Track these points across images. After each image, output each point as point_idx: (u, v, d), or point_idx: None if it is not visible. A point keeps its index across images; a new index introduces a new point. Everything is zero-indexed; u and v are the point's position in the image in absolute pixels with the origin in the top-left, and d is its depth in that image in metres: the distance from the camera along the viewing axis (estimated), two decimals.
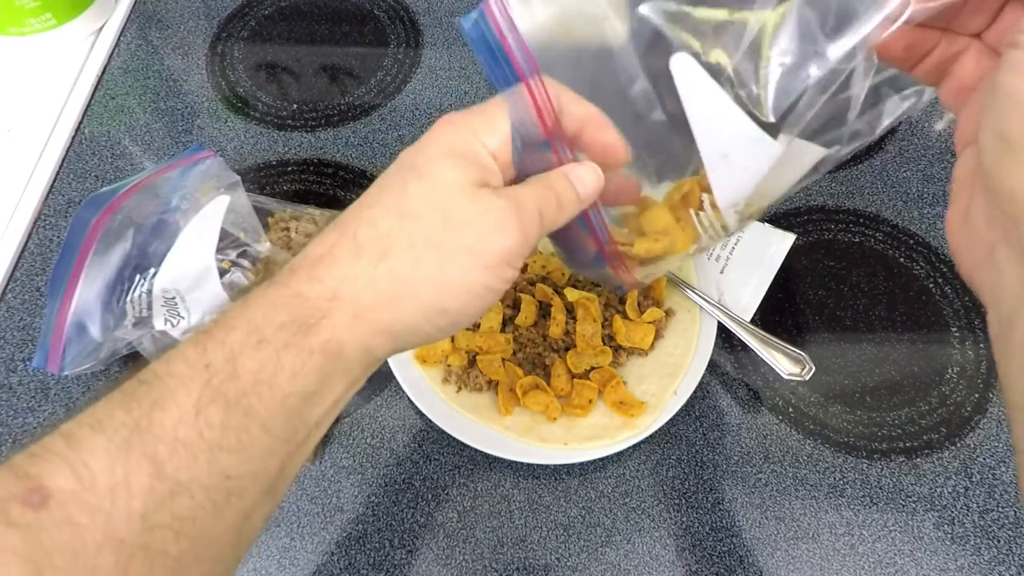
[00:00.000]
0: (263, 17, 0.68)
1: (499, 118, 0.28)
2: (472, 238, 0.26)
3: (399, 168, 0.28)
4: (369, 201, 0.28)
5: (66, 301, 0.42)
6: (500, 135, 0.28)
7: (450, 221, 0.26)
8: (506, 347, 0.45)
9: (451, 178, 0.26)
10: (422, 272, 0.26)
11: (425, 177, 0.27)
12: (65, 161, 0.57)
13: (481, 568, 0.42)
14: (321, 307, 0.25)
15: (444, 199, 0.26)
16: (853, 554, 0.42)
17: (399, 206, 0.27)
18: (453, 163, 0.27)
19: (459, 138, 0.27)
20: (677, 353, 0.47)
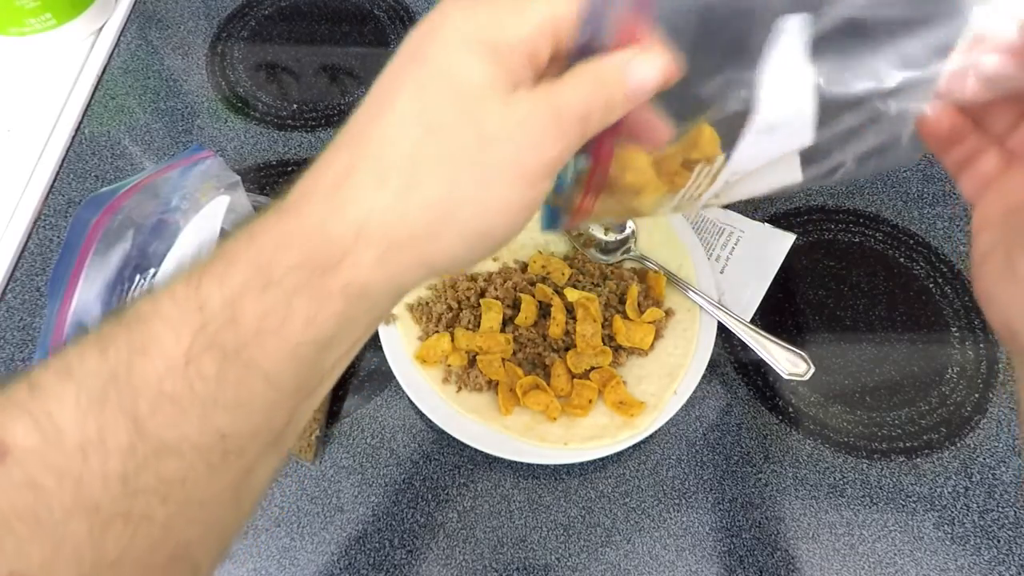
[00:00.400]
0: (263, 17, 0.68)
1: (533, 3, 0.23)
2: (511, 152, 0.22)
3: (411, 60, 0.23)
4: (382, 106, 0.23)
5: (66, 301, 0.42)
6: (532, 21, 0.23)
7: (485, 133, 0.22)
8: (506, 347, 0.45)
9: (479, 78, 0.22)
10: (461, 196, 0.22)
11: (447, 76, 0.22)
12: (65, 161, 0.57)
13: (481, 568, 0.42)
14: (344, 245, 0.21)
15: (475, 106, 0.22)
16: (853, 554, 0.42)
17: (422, 116, 0.22)
18: (479, 58, 0.22)
19: (482, 24, 0.23)
20: (677, 353, 0.47)
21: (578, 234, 0.51)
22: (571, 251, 0.51)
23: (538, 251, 0.51)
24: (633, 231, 0.51)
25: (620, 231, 0.52)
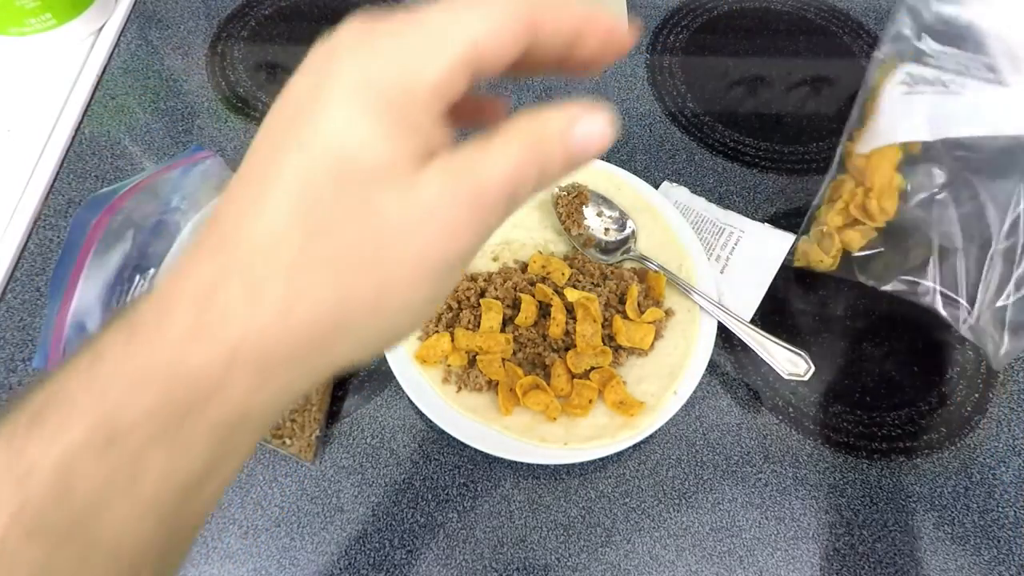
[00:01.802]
0: (263, 17, 0.68)
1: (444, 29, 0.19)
2: (416, 249, 0.18)
3: (291, 131, 0.18)
4: (255, 199, 0.18)
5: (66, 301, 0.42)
6: (446, 56, 0.18)
7: (384, 228, 0.18)
8: (506, 347, 0.45)
9: (377, 156, 0.18)
10: (355, 304, 0.18)
11: (335, 157, 0.18)
12: (65, 161, 0.57)
13: (481, 568, 0.42)
14: (212, 377, 0.18)
15: (371, 194, 0.18)
16: (853, 554, 0.42)
17: (304, 212, 0.18)
18: (377, 127, 0.18)
19: (382, 71, 0.18)
20: (677, 353, 0.47)
21: (578, 234, 0.51)
22: (571, 251, 0.51)
23: (538, 251, 0.51)
24: (633, 231, 0.51)
25: (620, 231, 0.52)
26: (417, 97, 0.18)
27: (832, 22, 0.68)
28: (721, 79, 0.64)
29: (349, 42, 0.19)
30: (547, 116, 0.20)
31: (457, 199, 0.18)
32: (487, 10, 0.19)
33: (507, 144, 0.19)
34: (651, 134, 0.60)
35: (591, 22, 0.21)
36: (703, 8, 0.69)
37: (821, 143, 0.60)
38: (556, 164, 0.20)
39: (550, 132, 0.20)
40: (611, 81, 0.63)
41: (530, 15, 0.19)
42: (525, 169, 0.19)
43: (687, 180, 0.57)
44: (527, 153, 0.19)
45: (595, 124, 0.20)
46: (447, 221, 0.18)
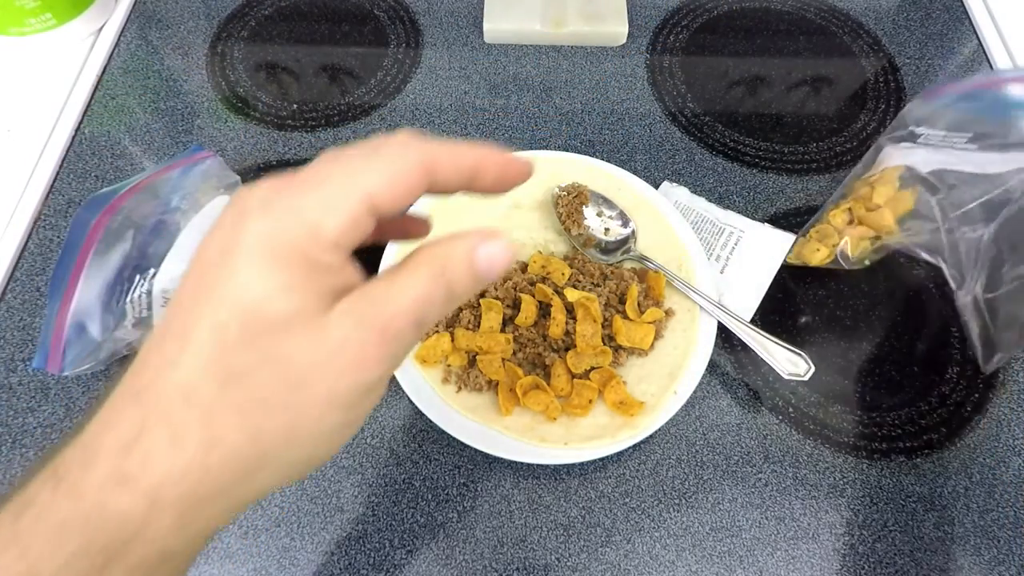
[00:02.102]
0: (263, 17, 0.68)
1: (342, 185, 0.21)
2: (325, 387, 0.20)
3: (204, 289, 0.20)
4: (174, 352, 0.20)
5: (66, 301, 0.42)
6: (344, 209, 0.20)
7: (294, 372, 0.20)
8: (506, 347, 0.45)
9: (283, 308, 0.20)
10: (271, 442, 0.20)
11: (246, 311, 0.19)
12: (65, 161, 0.57)
13: (481, 568, 0.42)
14: (135, 520, 0.19)
15: (280, 342, 0.20)
16: (853, 554, 0.42)
17: (220, 362, 0.19)
18: (281, 281, 0.19)
19: (282, 229, 0.20)
20: (677, 353, 0.47)
21: (578, 234, 0.51)
22: (571, 251, 0.51)
23: (538, 251, 0.51)
24: (633, 231, 0.51)
25: (620, 231, 0.52)
26: (319, 250, 0.20)
27: (832, 22, 0.68)
28: (721, 79, 0.64)
29: (255, 203, 0.21)
30: (452, 243, 0.22)
31: (365, 333, 0.20)
32: (383, 163, 0.21)
33: (414, 272, 0.21)
34: (651, 134, 0.60)
35: (485, 160, 0.23)
36: (703, 8, 0.69)
37: (821, 143, 0.60)
38: (462, 286, 0.22)
39: (456, 257, 0.22)
40: (611, 81, 0.63)
41: (424, 164, 0.22)
42: (431, 295, 0.21)
43: (687, 180, 0.57)
44: (434, 279, 0.21)
45: (496, 247, 0.22)
46: (355, 355, 0.20)
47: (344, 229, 0.21)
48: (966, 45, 0.66)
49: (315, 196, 0.21)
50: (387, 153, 0.21)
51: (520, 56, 0.65)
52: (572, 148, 0.58)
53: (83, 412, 0.46)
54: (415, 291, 0.21)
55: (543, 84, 0.63)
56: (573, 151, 0.55)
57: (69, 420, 0.46)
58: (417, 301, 0.21)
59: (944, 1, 0.70)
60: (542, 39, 0.65)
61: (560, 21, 0.65)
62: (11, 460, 0.44)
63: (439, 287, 0.21)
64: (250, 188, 0.21)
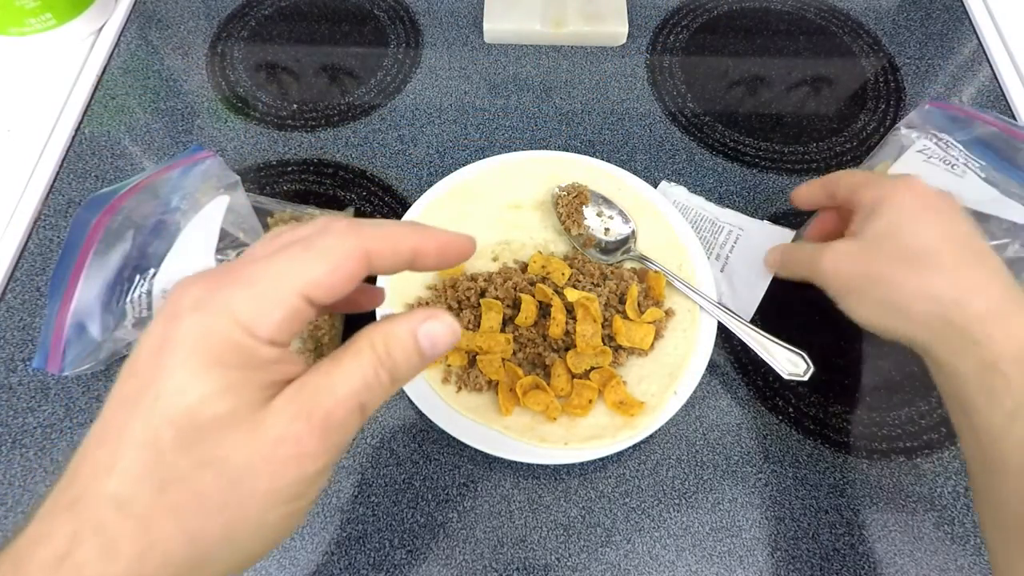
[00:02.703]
0: (263, 17, 0.68)
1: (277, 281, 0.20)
2: (264, 485, 0.20)
3: (138, 394, 0.20)
4: (107, 460, 0.20)
5: (66, 301, 0.42)
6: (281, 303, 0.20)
7: (230, 474, 0.19)
8: (506, 347, 0.45)
9: (218, 409, 0.19)
10: (206, 543, 0.20)
11: (180, 414, 0.19)
12: (65, 161, 0.57)
13: (481, 568, 0.42)
14: None
15: (216, 444, 0.19)
16: (853, 554, 0.42)
17: (155, 468, 0.19)
18: (215, 382, 0.19)
19: (216, 329, 0.20)
20: (677, 353, 0.47)
21: (578, 234, 0.51)
22: (571, 251, 0.51)
23: (538, 251, 0.51)
24: (633, 231, 0.51)
25: (620, 231, 0.52)
26: (254, 346, 0.20)
27: (832, 22, 0.68)
28: (721, 79, 0.64)
29: (187, 303, 0.20)
30: (393, 326, 0.22)
31: (304, 427, 0.20)
32: (319, 255, 0.21)
33: (357, 358, 0.21)
34: (651, 134, 0.60)
35: (424, 244, 0.23)
36: (703, 8, 0.69)
37: (821, 143, 0.60)
38: (406, 368, 0.22)
39: (398, 339, 0.22)
40: (611, 81, 0.63)
41: (362, 253, 0.22)
42: (375, 380, 0.21)
43: (687, 180, 0.57)
44: (376, 364, 0.21)
45: (439, 326, 0.23)
46: (294, 450, 0.20)
47: (279, 325, 0.20)
48: (966, 45, 0.66)
49: (249, 294, 0.20)
50: (324, 245, 0.21)
51: (520, 56, 0.65)
52: (572, 148, 0.58)
53: (80, 413, 0.46)
54: (358, 378, 0.21)
55: (543, 84, 0.63)
56: (573, 151, 0.55)
57: (69, 420, 0.46)
58: (360, 388, 0.21)
59: (944, 1, 0.70)
60: (542, 39, 0.65)
61: (560, 21, 0.65)
62: (11, 460, 0.44)
63: (383, 371, 0.21)
64: (183, 286, 0.21)
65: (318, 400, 0.21)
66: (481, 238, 0.51)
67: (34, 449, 0.45)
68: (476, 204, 0.53)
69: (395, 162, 0.57)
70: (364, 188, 0.56)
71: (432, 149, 0.58)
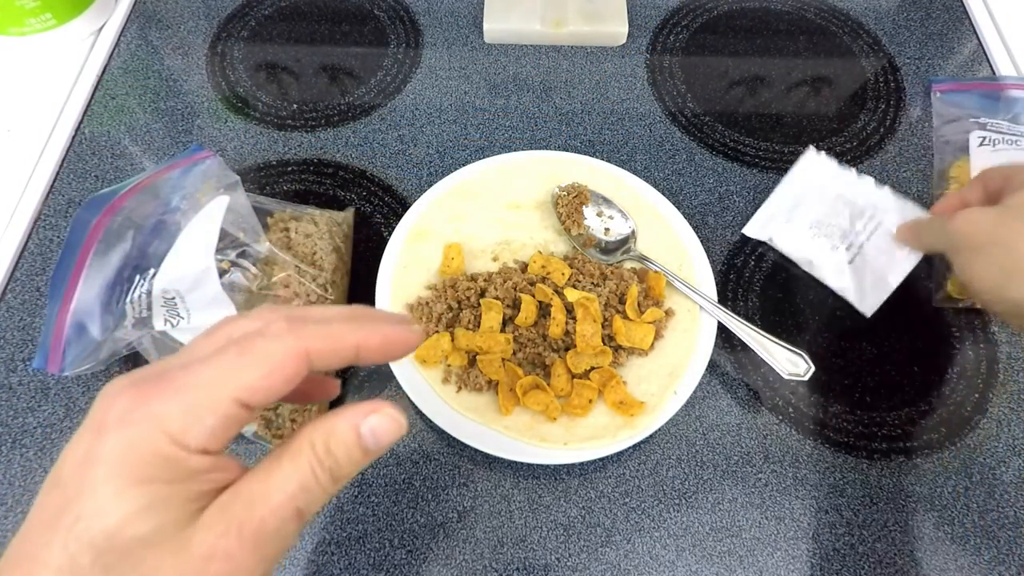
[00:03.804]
0: (263, 17, 0.68)
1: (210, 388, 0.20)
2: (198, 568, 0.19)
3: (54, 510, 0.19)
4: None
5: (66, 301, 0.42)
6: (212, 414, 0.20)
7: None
8: (506, 347, 0.45)
9: (141, 529, 0.18)
10: None
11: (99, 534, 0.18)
12: (65, 161, 0.57)
13: (481, 568, 0.42)
14: None
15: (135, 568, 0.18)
16: (853, 554, 0.42)
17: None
18: (139, 500, 0.19)
19: (141, 442, 0.19)
20: (677, 353, 0.47)
21: (578, 234, 0.51)
22: (571, 251, 0.51)
23: (538, 251, 0.51)
24: (633, 231, 0.51)
25: (620, 231, 0.52)
26: (183, 456, 0.19)
27: (832, 22, 0.68)
28: (721, 79, 0.64)
29: (114, 415, 0.19)
30: (332, 423, 0.21)
31: (235, 542, 0.19)
32: (254, 360, 0.20)
33: (293, 460, 0.20)
34: (651, 134, 0.60)
35: (368, 339, 0.22)
36: (703, 8, 0.69)
37: (821, 143, 0.60)
38: (348, 465, 0.21)
39: (339, 437, 0.21)
40: (611, 81, 0.63)
41: (299, 354, 0.21)
42: (313, 482, 0.20)
43: (687, 180, 0.57)
44: (315, 464, 0.20)
45: (382, 420, 0.22)
46: (226, 566, 0.19)
47: (212, 433, 0.20)
48: (966, 45, 0.66)
49: (179, 402, 0.20)
50: (259, 349, 0.21)
51: (520, 56, 0.65)
52: (572, 148, 0.58)
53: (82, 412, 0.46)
54: (294, 482, 0.20)
55: (543, 84, 0.63)
56: (573, 151, 0.55)
57: (69, 420, 0.46)
58: (295, 492, 0.20)
59: (944, 1, 0.70)
60: (542, 39, 0.65)
61: (560, 21, 0.65)
62: (11, 460, 0.44)
63: (322, 472, 0.21)
64: (110, 395, 0.20)
65: (250, 511, 0.20)
66: (481, 238, 0.52)
67: (34, 449, 0.45)
68: (476, 204, 0.53)
69: (395, 162, 0.57)
70: (364, 188, 0.56)
71: (432, 149, 0.58)
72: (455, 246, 0.50)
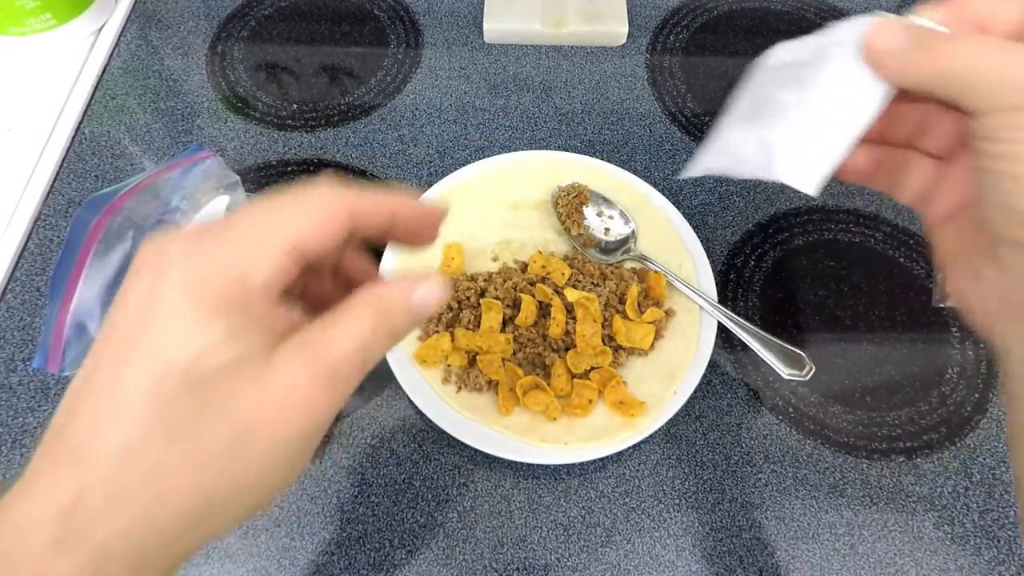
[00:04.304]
0: (263, 17, 0.68)
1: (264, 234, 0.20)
2: (271, 432, 0.20)
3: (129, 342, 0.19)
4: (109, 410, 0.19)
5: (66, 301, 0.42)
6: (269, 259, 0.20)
7: (239, 423, 0.19)
8: (506, 347, 0.45)
9: (224, 357, 0.19)
10: (216, 494, 0.20)
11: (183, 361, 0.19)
12: (65, 161, 0.57)
13: (481, 568, 0.42)
14: None
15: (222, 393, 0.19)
16: (853, 554, 0.42)
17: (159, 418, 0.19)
18: (220, 330, 0.19)
19: (209, 279, 0.19)
20: (677, 353, 0.47)
21: (578, 234, 0.51)
22: (571, 251, 0.51)
23: (538, 251, 0.51)
24: (633, 231, 0.51)
25: (620, 231, 0.52)
26: (251, 295, 0.20)
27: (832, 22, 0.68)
28: (721, 79, 0.64)
29: (175, 254, 0.20)
30: (389, 289, 0.23)
31: (311, 377, 0.20)
32: (307, 210, 0.21)
33: (360, 315, 0.22)
34: (651, 134, 0.60)
35: (402, 206, 0.24)
36: (703, 8, 0.69)
37: None
38: (403, 326, 0.23)
39: (395, 301, 0.22)
40: (611, 81, 0.63)
41: (347, 209, 0.22)
42: (372, 338, 0.22)
43: (687, 180, 0.57)
44: (375, 323, 0.22)
45: (431, 289, 0.23)
46: (302, 400, 0.20)
47: (270, 278, 0.20)
48: None
49: (236, 247, 0.20)
50: (311, 200, 0.22)
51: (520, 56, 0.65)
52: (572, 148, 0.58)
53: None
54: (358, 335, 0.21)
55: (543, 84, 0.63)
56: (573, 151, 0.55)
57: None
58: (361, 346, 0.21)
59: None
60: (542, 39, 0.65)
61: (560, 21, 0.65)
62: (11, 460, 0.44)
63: (381, 331, 0.22)
64: (164, 238, 0.21)
65: (324, 353, 0.20)
66: (481, 238, 0.52)
67: (34, 449, 0.45)
68: (476, 204, 0.53)
69: (395, 162, 0.57)
70: None
71: (432, 149, 0.58)
72: (455, 246, 0.50)
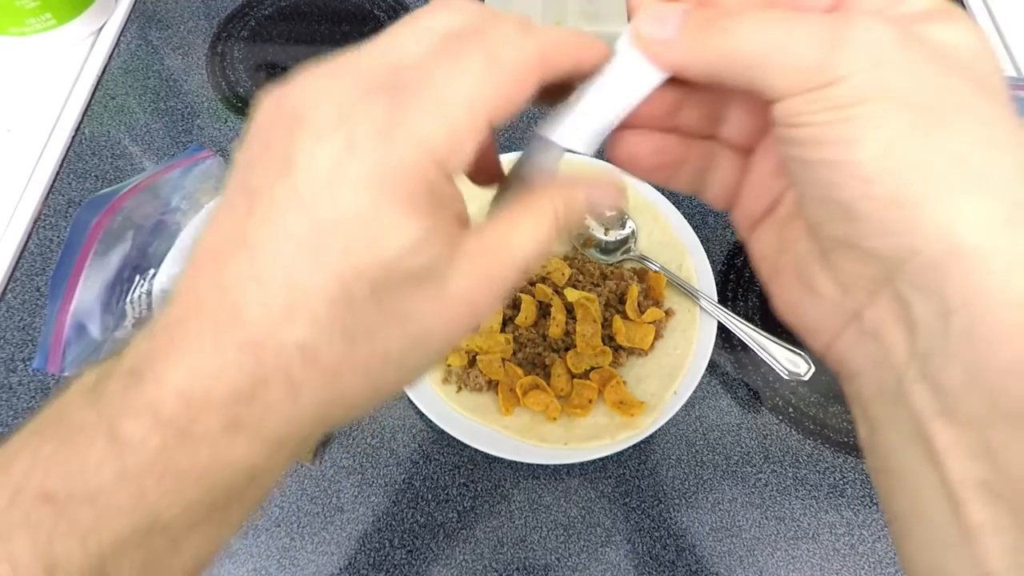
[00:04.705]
0: (263, 17, 0.68)
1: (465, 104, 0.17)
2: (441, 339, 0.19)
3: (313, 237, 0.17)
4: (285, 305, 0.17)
5: (66, 302, 0.42)
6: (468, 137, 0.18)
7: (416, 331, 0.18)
8: (506, 347, 0.45)
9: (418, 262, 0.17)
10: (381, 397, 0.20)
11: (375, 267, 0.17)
12: (65, 161, 0.57)
13: (481, 568, 0.42)
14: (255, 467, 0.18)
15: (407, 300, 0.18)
16: (853, 554, 0.42)
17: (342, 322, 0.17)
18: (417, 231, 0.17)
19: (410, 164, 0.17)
20: (677, 353, 0.47)
21: (578, 234, 0.51)
22: (571, 251, 0.51)
23: None
24: (633, 231, 0.51)
25: (620, 231, 0.52)
26: (445, 180, 0.18)
27: None
28: None
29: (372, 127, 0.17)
30: (570, 189, 0.21)
31: (484, 288, 0.19)
32: (508, 68, 0.18)
33: (539, 221, 0.20)
34: None
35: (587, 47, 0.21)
36: None
37: None
38: (572, 227, 0.21)
39: (574, 204, 0.21)
40: None
41: (542, 61, 0.19)
42: (549, 243, 0.20)
43: None
44: (554, 228, 0.20)
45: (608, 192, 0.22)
46: (472, 309, 0.19)
47: (468, 158, 0.18)
48: None
49: (441, 121, 0.17)
50: (509, 57, 0.18)
51: None
52: None
53: None
54: (534, 243, 0.20)
55: None
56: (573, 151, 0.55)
57: None
58: (535, 252, 0.20)
59: None
60: None
61: (560, 21, 0.65)
62: None
63: (556, 235, 0.20)
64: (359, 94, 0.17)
65: (498, 263, 0.19)
66: None
67: None
68: (476, 204, 0.53)
69: None
70: None
71: None
72: None
